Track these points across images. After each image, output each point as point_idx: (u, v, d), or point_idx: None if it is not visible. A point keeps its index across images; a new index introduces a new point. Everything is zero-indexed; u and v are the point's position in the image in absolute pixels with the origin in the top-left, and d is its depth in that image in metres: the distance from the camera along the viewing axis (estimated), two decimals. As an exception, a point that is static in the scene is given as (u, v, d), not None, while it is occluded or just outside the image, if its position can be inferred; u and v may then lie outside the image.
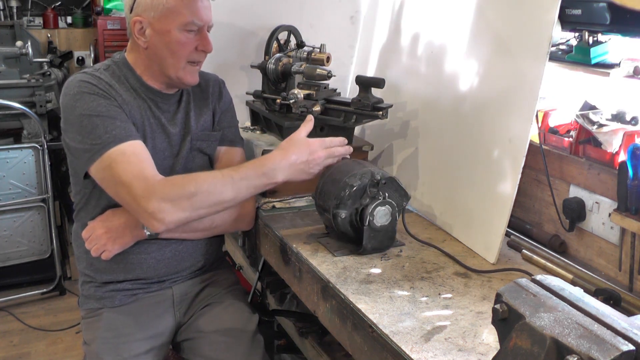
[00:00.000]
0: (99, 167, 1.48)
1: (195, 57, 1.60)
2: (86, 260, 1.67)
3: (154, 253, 1.65)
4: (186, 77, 1.60)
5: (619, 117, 1.55)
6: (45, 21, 4.03)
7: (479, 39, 1.62)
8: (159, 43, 1.56)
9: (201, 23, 1.57)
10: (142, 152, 1.51)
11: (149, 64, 1.61)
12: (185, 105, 1.70)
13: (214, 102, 1.76)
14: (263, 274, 2.10)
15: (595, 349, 0.76)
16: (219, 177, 1.48)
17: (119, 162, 1.46)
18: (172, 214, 1.43)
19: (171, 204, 1.42)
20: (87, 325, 1.69)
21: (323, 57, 1.87)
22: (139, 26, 1.56)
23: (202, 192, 1.44)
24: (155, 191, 1.43)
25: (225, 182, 1.46)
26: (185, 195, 1.43)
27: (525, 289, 0.90)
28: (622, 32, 1.50)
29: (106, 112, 1.50)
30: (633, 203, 1.40)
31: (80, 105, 1.50)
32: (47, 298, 3.27)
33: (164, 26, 1.54)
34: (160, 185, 1.44)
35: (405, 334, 1.14)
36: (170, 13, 1.53)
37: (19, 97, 3.13)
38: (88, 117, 1.49)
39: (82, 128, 1.49)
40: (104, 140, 1.47)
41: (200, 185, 1.44)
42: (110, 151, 1.46)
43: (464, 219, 1.61)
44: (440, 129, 1.75)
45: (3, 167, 3.02)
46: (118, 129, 1.49)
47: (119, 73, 1.61)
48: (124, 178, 1.45)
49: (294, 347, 1.94)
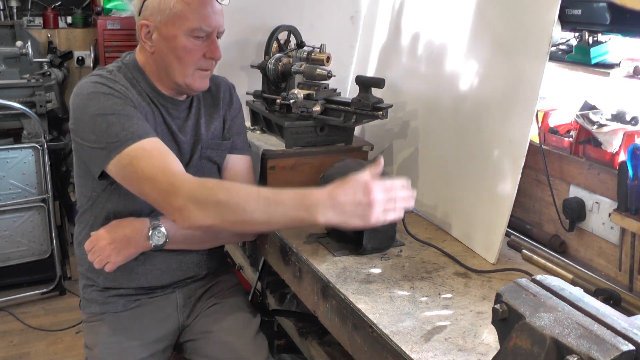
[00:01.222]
0: (119, 165, 1.41)
1: (203, 65, 1.54)
2: (88, 264, 1.63)
3: (159, 264, 1.62)
4: (195, 84, 1.55)
5: (619, 117, 1.55)
6: (45, 21, 4.02)
7: (479, 39, 1.62)
8: (165, 48, 1.51)
9: (209, 29, 1.50)
10: (163, 147, 1.44)
11: (157, 69, 1.56)
12: (196, 112, 1.65)
13: (224, 108, 1.70)
14: (263, 274, 2.10)
15: (595, 349, 0.76)
16: (253, 194, 1.33)
17: (140, 157, 1.39)
18: (197, 216, 1.32)
19: (197, 205, 1.32)
20: (90, 329, 1.67)
21: (323, 57, 1.87)
22: (146, 30, 1.51)
23: (232, 204, 1.31)
24: (183, 188, 1.33)
25: (259, 200, 1.31)
26: (214, 201, 1.32)
27: (525, 289, 0.90)
28: (622, 32, 1.50)
29: (122, 111, 1.43)
30: (633, 203, 1.40)
31: (94, 104, 1.44)
32: (47, 298, 3.27)
33: (171, 31, 1.48)
34: (189, 182, 1.35)
35: (405, 334, 1.14)
36: (177, 18, 1.47)
37: (19, 97, 3.13)
38: (102, 116, 1.42)
39: (97, 127, 1.43)
40: (122, 138, 1.40)
41: (232, 196, 1.31)
42: (130, 148, 1.39)
43: (464, 219, 1.61)
44: (440, 129, 1.75)
45: (3, 167, 3.02)
46: (136, 125, 1.42)
47: (130, 75, 1.56)
48: (147, 172, 1.37)
49: (294, 347, 1.94)
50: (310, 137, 1.87)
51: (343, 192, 1.27)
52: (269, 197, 1.31)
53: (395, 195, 1.31)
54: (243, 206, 1.30)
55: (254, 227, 1.41)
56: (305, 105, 1.80)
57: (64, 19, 4.11)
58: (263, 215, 1.31)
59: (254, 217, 1.31)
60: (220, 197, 1.32)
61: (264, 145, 1.86)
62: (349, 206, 1.27)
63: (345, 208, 1.27)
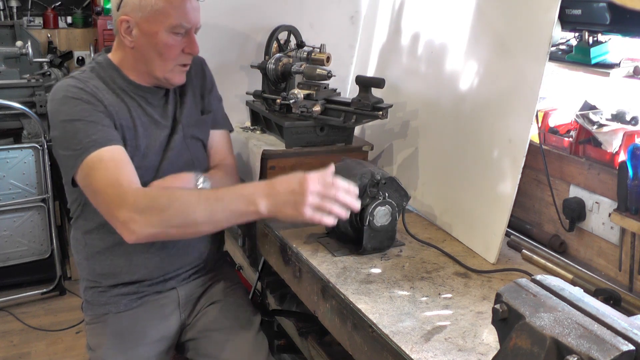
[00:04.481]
0: (82, 175, 1.45)
1: (182, 60, 1.57)
2: (88, 267, 1.65)
3: (157, 252, 1.63)
4: (174, 78, 1.59)
5: (619, 117, 1.55)
6: (45, 21, 4.03)
7: (479, 39, 1.62)
8: (146, 44, 1.53)
9: (189, 25, 1.53)
10: (120, 157, 1.46)
11: (135, 64, 1.57)
12: (173, 95, 1.67)
13: (198, 83, 1.72)
14: (263, 274, 2.10)
15: (595, 349, 0.76)
16: (194, 195, 1.41)
17: (95, 169, 1.43)
18: (142, 226, 1.37)
19: (141, 215, 1.36)
20: (92, 330, 1.67)
21: (323, 57, 1.87)
22: (126, 25, 1.52)
23: (174, 207, 1.37)
24: (127, 200, 1.38)
25: (199, 200, 1.38)
26: (156, 208, 1.37)
27: (525, 289, 0.90)
28: (622, 32, 1.50)
29: (88, 117, 1.46)
30: (633, 203, 1.40)
31: (64, 110, 1.47)
32: (47, 298, 3.26)
33: (152, 28, 1.50)
34: (132, 194, 1.40)
35: (405, 334, 1.14)
36: (159, 15, 1.49)
37: (19, 97, 3.13)
38: (70, 122, 1.46)
39: (66, 133, 1.46)
40: (85, 145, 1.43)
41: (173, 201, 1.38)
42: (90, 157, 1.43)
43: (464, 219, 1.61)
44: (440, 129, 1.75)
45: (3, 167, 3.02)
46: (99, 132, 1.45)
47: (104, 75, 1.57)
48: (98, 185, 1.42)
49: (294, 347, 1.94)
50: (310, 137, 1.87)
51: (280, 181, 1.35)
52: (210, 195, 1.40)
53: (334, 195, 1.34)
54: (185, 208, 1.37)
55: (198, 229, 1.43)
56: (305, 105, 1.81)
57: (64, 19, 4.11)
58: (205, 214, 1.37)
59: (195, 217, 1.37)
60: (162, 202, 1.38)
61: (264, 145, 1.86)
62: (283, 195, 1.33)
63: (279, 197, 1.33)
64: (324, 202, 1.34)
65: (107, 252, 1.61)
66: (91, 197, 1.48)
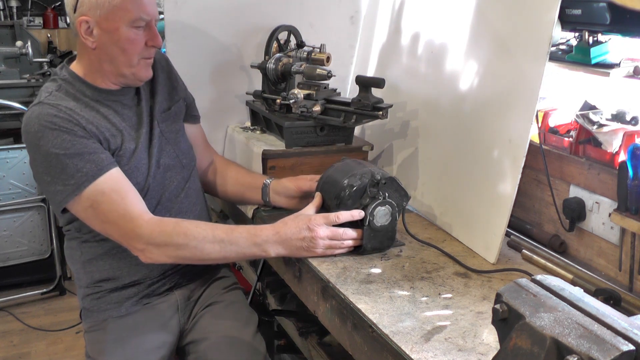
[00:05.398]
0: (79, 207, 1.47)
1: (146, 53, 1.57)
2: (85, 275, 1.65)
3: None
4: (141, 73, 1.58)
5: (619, 117, 1.55)
6: (45, 21, 4.03)
7: (479, 39, 1.62)
8: (108, 42, 1.51)
9: (148, 18, 1.53)
10: (120, 186, 1.48)
11: (100, 66, 1.55)
12: (144, 93, 1.67)
13: (164, 76, 1.73)
14: (263, 274, 2.10)
15: (595, 349, 0.76)
16: (209, 236, 1.46)
17: (100, 202, 1.45)
18: (158, 256, 1.48)
19: (157, 248, 1.46)
20: (92, 338, 1.66)
21: (323, 57, 1.87)
22: (86, 26, 1.51)
23: (190, 247, 1.46)
24: (142, 233, 1.45)
25: (214, 242, 1.45)
26: (173, 245, 1.46)
27: (525, 289, 0.90)
28: (622, 32, 1.50)
29: (72, 149, 1.44)
30: (633, 203, 1.40)
31: (45, 144, 1.44)
32: (47, 298, 3.27)
33: (112, 24, 1.49)
34: (148, 228, 1.45)
35: (405, 334, 1.14)
36: (117, 10, 1.48)
37: (19, 97, 3.14)
38: (55, 157, 1.44)
39: (51, 168, 1.45)
40: (77, 180, 1.44)
41: (189, 241, 1.45)
42: (87, 191, 1.44)
43: (464, 219, 1.61)
44: (440, 129, 1.75)
45: (3, 167, 3.02)
46: (88, 164, 1.45)
47: (72, 91, 1.54)
48: (109, 218, 1.46)
49: (294, 347, 1.94)
50: (310, 137, 1.87)
51: (288, 229, 1.43)
52: (223, 238, 1.46)
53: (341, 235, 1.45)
54: (201, 248, 1.46)
55: (211, 262, 1.60)
56: (305, 105, 1.80)
57: (64, 19, 4.11)
58: (219, 255, 1.48)
59: (210, 257, 1.48)
60: (177, 241, 1.46)
61: (264, 145, 1.86)
62: (294, 241, 1.42)
63: (291, 243, 1.43)
64: (333, 242, 1.44)
65: (106, 256, 1.61)
66: (98, 228, 1.51)
